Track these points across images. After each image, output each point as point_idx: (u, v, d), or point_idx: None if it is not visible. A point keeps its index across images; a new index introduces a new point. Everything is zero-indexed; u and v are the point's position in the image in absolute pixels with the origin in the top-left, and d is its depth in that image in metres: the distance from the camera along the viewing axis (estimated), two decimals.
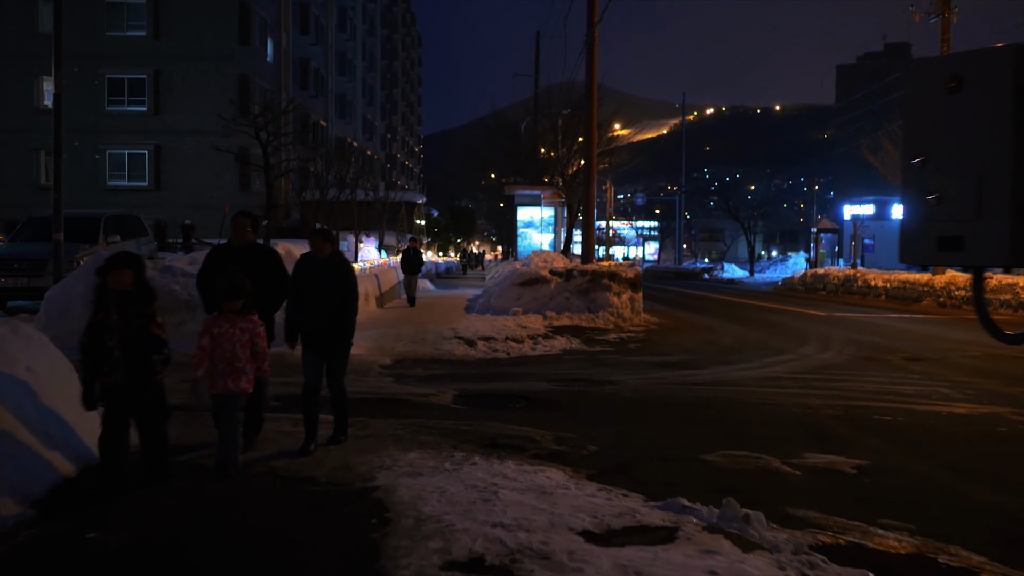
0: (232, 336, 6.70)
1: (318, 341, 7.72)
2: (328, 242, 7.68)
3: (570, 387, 11.34)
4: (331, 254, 7.69)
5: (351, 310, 7.75)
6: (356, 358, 13.37)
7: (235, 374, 6.69)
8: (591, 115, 24.14)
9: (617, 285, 20.73)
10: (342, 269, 7.71)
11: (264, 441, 7.80)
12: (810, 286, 40.17)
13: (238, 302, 6.72)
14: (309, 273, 7.65)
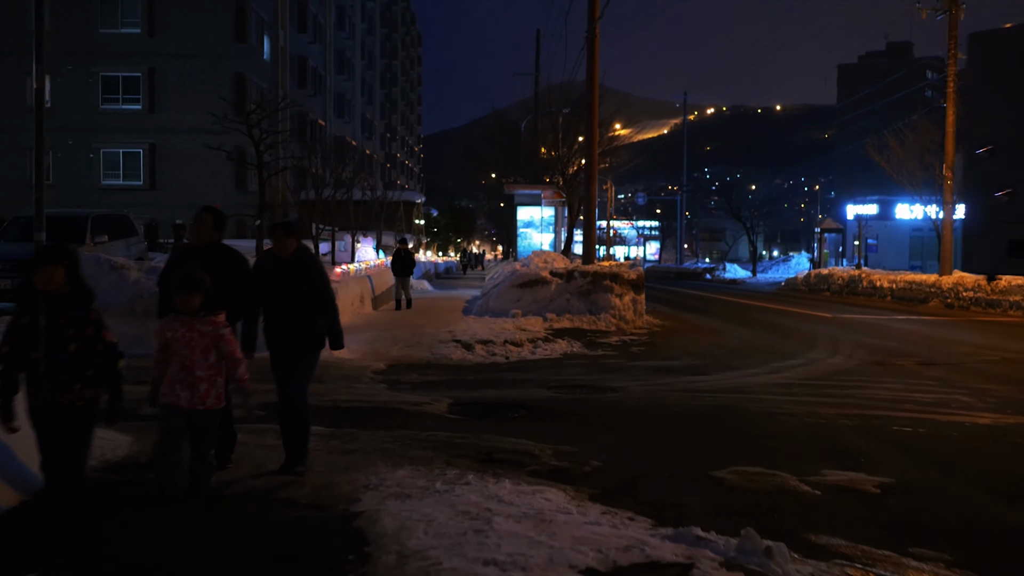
0: (189, 341, 5.79)
1: (287, 348, 6.90)
2: (291, 236, 6.75)
3: (571, 394, 10.82)
4: (296, 251, 6.76)
5: (330, 313, 6.94)
6: (349, 363, 12.89)
7: (195, 386, 5.83)
8: (592, 113, 23.62)
9: (619, 286, 20.21)
10: (310, 267, 6.80)
11: (245, 457, 7.25)
12: (814, 287, 39.66)
13: (194, 297, 5.78)
14: (270, 273, 6.75)
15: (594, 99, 23.49)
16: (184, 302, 5.83)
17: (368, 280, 22.45)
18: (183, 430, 5.86)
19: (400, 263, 23.56)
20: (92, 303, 5.47)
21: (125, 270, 13.30)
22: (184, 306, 5.84)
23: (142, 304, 12.92)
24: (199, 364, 5.85)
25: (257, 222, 21.78)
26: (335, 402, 9.87)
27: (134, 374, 11.37)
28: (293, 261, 6.75)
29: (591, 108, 23.58)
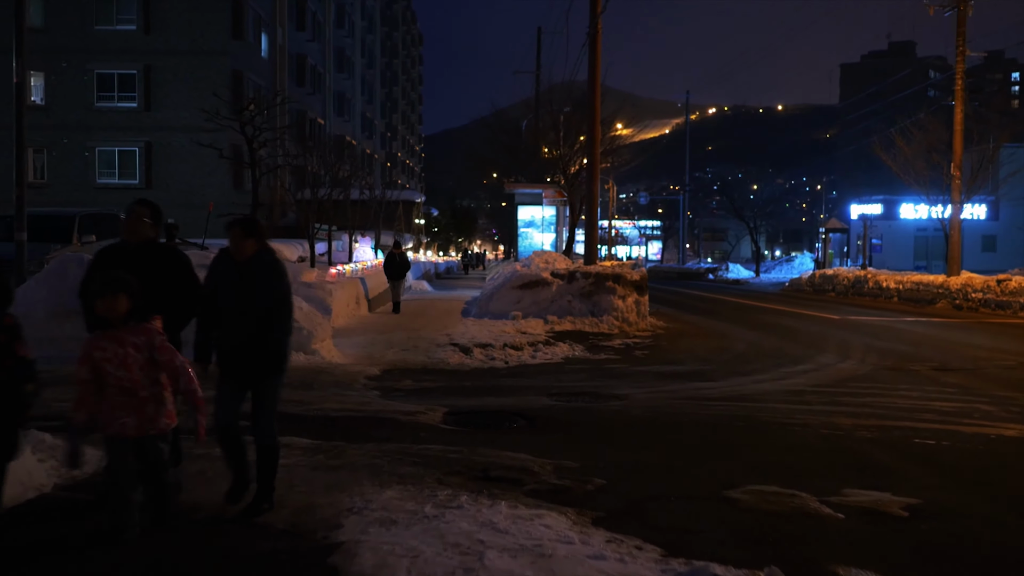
0: (124, 358, 4.93)
1: (238, 367, 5.95)
2: (251, 237, 5.81)
3: (573, 403, 10.29)
4: (256, 255, 5.84)
5: (281, 328, 5.92)
6: (341, 368, 12.38)
7: (142, 409, 5.02)
8: (594, 109, 23.09)
9: (622, 288, 19.69)
10: (269, 275, 5.85)
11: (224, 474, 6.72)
12: (819, 287, 39.13)
13: (117, 299, 4.88)
14: (226, 277, 5.88)
15: (596, 95, 22.97)
16: (107, 305, 4.92)
17: (360, 283, 21.90)
18: (135, 463, 5.13)
19: (393, 265, 22.75)
20: (8, 306, 4.83)
21: None
22: (107, 311, 4.94)
23: None
24: (142, 384, 5.03)
25: None
26: (324, 411, 9.37)
27: None
28: (251, 266, 5.83)
29: (593, 105, 23.06)
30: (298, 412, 9.28)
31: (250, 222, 5.92)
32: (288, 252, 24.78)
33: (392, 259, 22.86)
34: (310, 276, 17.61)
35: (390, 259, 22.93)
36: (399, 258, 22.88)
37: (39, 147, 38.92)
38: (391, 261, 22.83)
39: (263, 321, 5.81)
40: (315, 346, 12.81)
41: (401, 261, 22.84)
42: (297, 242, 27.23)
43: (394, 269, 22.66)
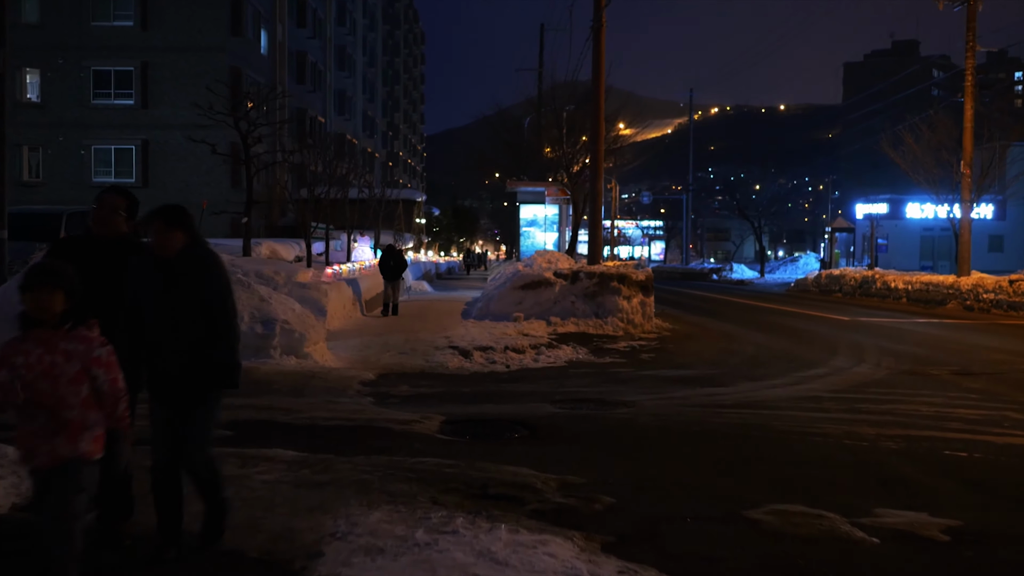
0: (51, 368, 3.87)
1: (171, 389, 4.86)
2: (177, 228, 4.76)
3: (577, 410, 9.73)
4: (184, 249, 4.80)
5: (227, 339, 4.92)
6: (334, 373, 11.82)
7: (67, 431, 3.93)
8: (598, 105, 22.54)
9: (627, 288, 19.13)
10: (202, 274, 4.83)
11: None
12: (825, 288, 38.55)
13: (53, 295, 3.87)
14: (149, 280, 4.81)
15: (600, 90, 22.40)
16: (36, 303, 3.87)
17: (359, 282, 21.36)
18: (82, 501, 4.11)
19: (388, 265, 21.51)
20: None
21: None
22: (37, 310, 3.87)
23: None
24: (67, 402, 3.92)
25: (244, 219, 20.69)
26: (313, 420, 8.81)
27: None
28: (179, 265, 4.79)
29: (597, 100, 22.50)
30: (286, 421, 8.75)
31: (174, 211, 4.86)
32: (284, 252, 24.26)
33: (387, 258, 21.67)
34: (305, 276, 17.05)
35: (385, 258, 21.77)
36: (395, 257, 21.68)
37: (34, 145, 38.43)
38: (386, 260, 21.64)
39: (196, 329, 4.81)
40: (307, 349, 12.27)
41: (397, 261, 21.59)
42: (294, 241, 26.70)
43: (389, 269, 21.43)
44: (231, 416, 8.77)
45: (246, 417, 8.82)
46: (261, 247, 23.14)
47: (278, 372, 11.36)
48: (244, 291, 12.39)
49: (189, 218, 4.90)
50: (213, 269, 4.90)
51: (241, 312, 11.69)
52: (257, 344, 11.81)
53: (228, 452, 7.31)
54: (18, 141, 38.31)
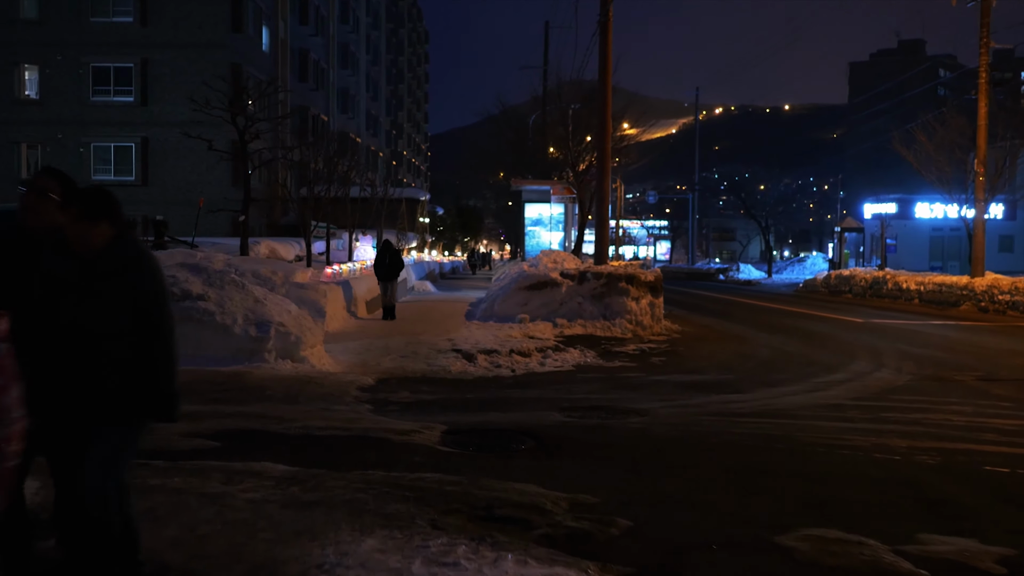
0: None
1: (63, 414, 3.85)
2: (102, 220, 3.83)
3: (587, 419, 9.18)
4: (110, 246, 3.87)
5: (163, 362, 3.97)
6: (332, 378, 11.27)
7: None
8: (605, 101, 21.98)
9: (635, 289, 18.57)
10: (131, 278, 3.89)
11: (181, 506, 5.64)
12: (835, 288, 37.99)
13: None
14: (62, 281, 3.84)
15: (607, 87, 21.85)
16: None
17: (358, 283, 20.81)
18: None
19: (384, 265, 20.18)
20: None
21: None
22: None
23: None
24: None
25: (241, 218, 20.16)
26: (307, 429, 8.26)
27: None
28: (102, 265, 3.85)
29: (604, 97, 21.94)
30: (278, 430, 8.20)
31: (97, 196, 3.90)
32: (284, 251, 23.74)
33: (382, 257, 20.38)
34: (304, 276, 16.53)
35: (380, 259, 20.41)
36: (390, 256, 20.35)
37: (32, 143, 38.00)
38: (381, 261, 20.31)
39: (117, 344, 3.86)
40: (304, 353, 11.72)
41: (392, 260, 20.25)
42: (294, 240, 26.16)
43: (384, 268, 20.11)
44: (218, 425, 8.25)
45: (235, 426, 8.29)
46: (260, 246, 22.63)
47: (272, 377, 10.82)
48: (238, 291, 11.86)
49: (115, 206, 3.92)
50: (147, 274, 3.94)
51: (235, 314, 11.17)
52: (251, 347, 11.28)
53: (213, 466, 6.81)
54: (16, 139, 37.94)
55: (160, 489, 6.10)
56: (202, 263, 12.33)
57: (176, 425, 8.01)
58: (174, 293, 11.42)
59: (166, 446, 7.46)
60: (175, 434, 7.88)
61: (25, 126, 37.85)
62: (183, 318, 11.11)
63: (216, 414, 8.76)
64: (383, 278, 20.03)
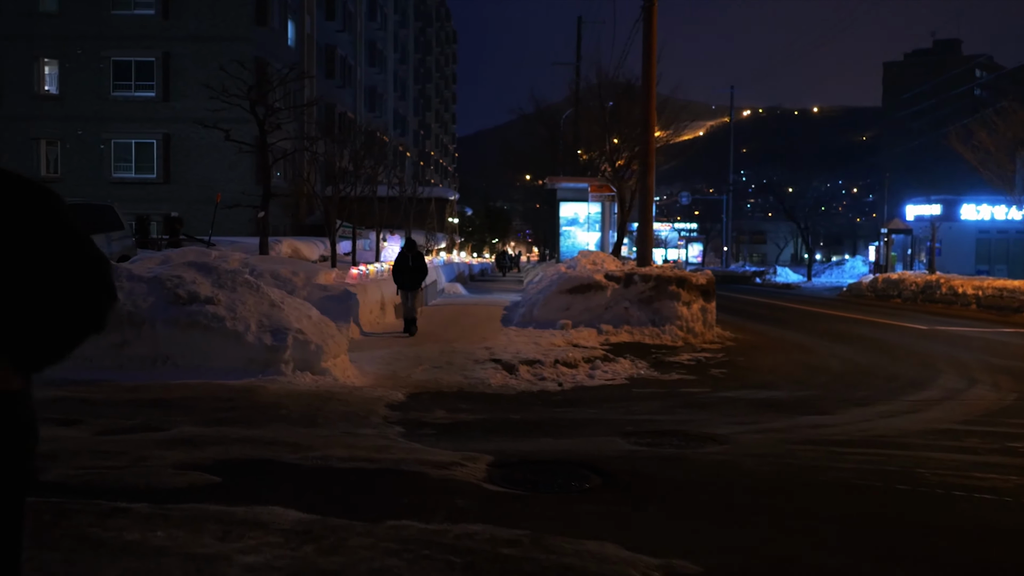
0: None
1: None
2: None
3: (658, 447, 7.75)
4: None
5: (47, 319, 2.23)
6: (358, 393, 9.89)
7: None
8: (649, 91, 20.54)
9: (686, 293, 17.12)
10: None
11: None
12: (882, 292, 36.32)
13: None
14: None
15: (651, 74, 20.40)
16: None
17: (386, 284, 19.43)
18: None
19: (406, 269, 16.98)
20: None
21: None
22: None
23: None
24: None
25: (261, 214, 18.86)
26: (327, 460, 6.88)
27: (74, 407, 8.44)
28: None
29: (648, 85, 20.49)
30: (293, 461, 6.83)
31: None
32: (307, 251, 22.45)
33: (404, 261, 17.12)
34: (328, 277, 15.20)
35: (401, 261, 17.18)
36: (414, 258, 17.13)
37: (52, 139, 37.00)
38: (402, 264, 17.11)
39: None
40: (325, 364, 10.34)
41: (416, 263, 17.09)
42: (319, 240, 24.87)
43: (407, 275, 16.94)
44: (222, 454, 6.90)
45: (241, 455, 6.93)
46: (282, 245, 21.36)
47: (288, 393, 9.46)
48: (252, 294, 10.51)
49: None
50: None
51: (247, 319, 9.84)
52: (265, 358, 9.93)
53: (209, 512, 5.46)
54: (35, 135, 36.94)
55: (137, 548, 4.77)
56: (212, 262, 11.01)
57: (171, 454, 6.59)
58: (179, 296, 10.10)
59: (155, 482, 6.15)
60: (167, 465, 6.56)
61: (44, 122, 36.83)
62: (189, 324, 9.80)
63: (220, 439, 7.42)
64: (404, 285, 16.93)
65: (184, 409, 8.56)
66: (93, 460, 6.70)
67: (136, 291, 10.14)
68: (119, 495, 5.80)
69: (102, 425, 7.91)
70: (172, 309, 9.99)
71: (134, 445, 7.18)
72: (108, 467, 6.52)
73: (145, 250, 18.80)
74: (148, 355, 9.92)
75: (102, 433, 7.63)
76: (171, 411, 8.49)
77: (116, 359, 9.90)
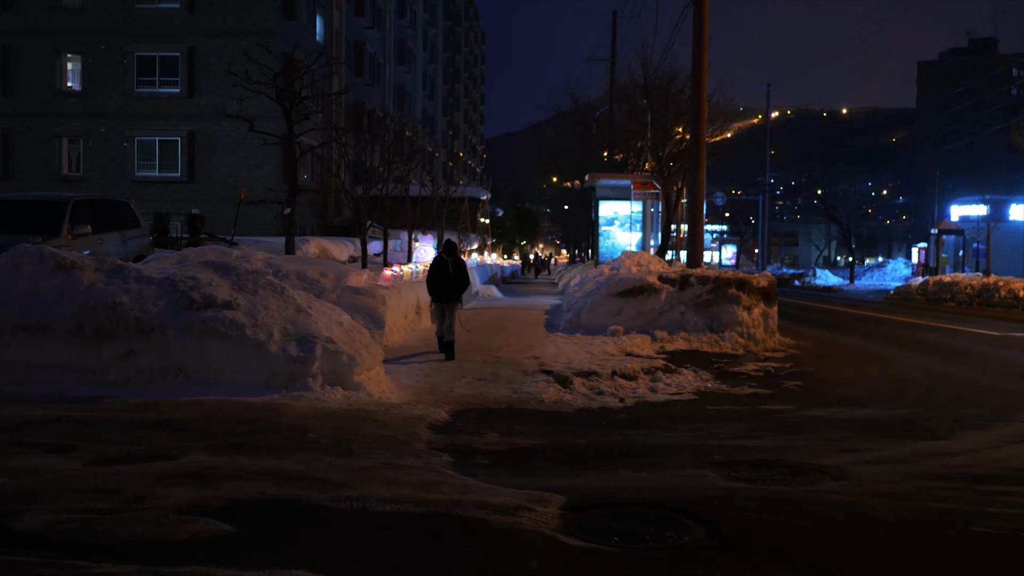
0: None
1: None
2: None
3: (760, 484, 6.43)
4: None
5: None
6: (394, 412, 8.61)
7: None
8: (700, 77, 19.19)
9: (747, 296, 15.77)
10: None
11: None
12: (932, 296, 34.71)
13: None
14: None
15: (702, 60, 19.06)
16: None
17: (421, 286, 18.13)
18: None
19: (444, 279, 13.08)
20: None
21: (76, 270, 9.19)
22: None
23: (95, 320, 8.77)
24: None
25: (287, 210, 17.66)
26: (364, 501, 5.62)
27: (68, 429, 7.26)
28: None
29: (699, 71, 19.14)
30: (322, 503, 5.59)
31: None
32: (336, 251, 21.26)
33: (442, 268, 13.17)
34: (359, 279, 13.96)
35: (439, 268, 13.21)
36: (454, 267, 13.16)
37: (74, 137, 36.08)
38: (440, 271, 13.16)
39: None
40: (359, 378, 9.07)
41: (457, 272, 13.15)
42: (348, 240, 23.67)
43: (445, 284, 13.09)
44: (236, 492, 5.67)
45: (259, 494, 5.69)
46: (309, 245, 20.17)
47: (317, 412, 8.20)
48: (275, 298, 9.28)
49: None
50: None
51: (270, 326, 8.63)
52: (290, 370, 8.68)
53: None
54: (57, 133, 36.04)
55: None
56: (232, 262, 9.78)
57: (174, 492, 5.40)
58: (194, 299, 8.89)
59: (152, 533, 4.93)
60: (169, 508, 5.34)
61: (67, 119, 35.90)
62: (203, 331, 8.60)
63: (235, 472, 6.18)
64: (442, 297, 13.09)
65: (195, 432, 7.33)
66: (80, 501, 5.48)
67: (145, 294, 8.93)
68: (105, 552, 4.59)
69: (98, 452, 6.69)
70: (185, 315, 8.77)
71: (132, 480, 5.95)
72: (97, 511, 5.29)
73: (163, 250, 17.65)
74: (157, 367, 8.70)
75: (97, 463, 6.40)
76: (180, 434, 7.26)
77: (122, 372, 8.70)
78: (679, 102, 26.45)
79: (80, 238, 13.66)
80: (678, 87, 26.68)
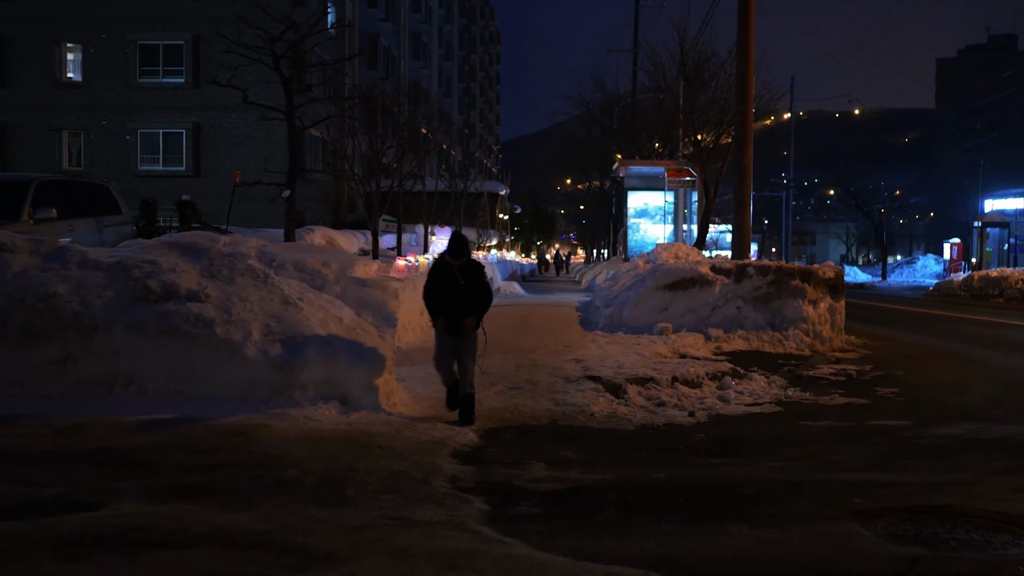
0: None
1: None
2: None
3: (943, 550, 4.44)
4: None
5: None
6: (407, 432, 6.56)
7: None
8: (747, 47, 17.20)
9: (813, 289, 13.75)
10: None
11: None
12: (978, 291, 32.50)
13: None
14: None
15: (750, 23, 17.07)
16: None
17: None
18: None
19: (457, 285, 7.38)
20: None
21: (4, 252, 7.26)
22: None
23: (22, 315, 6.82)
24: None
25: (286, 192, 15.76)
26: None
27: None
28: None
29: (745, 40, 17.16)
30: None
31: None
32: (344, 242, 19.36)
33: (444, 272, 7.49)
34: (367, 270, 12.03)
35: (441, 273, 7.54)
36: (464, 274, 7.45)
37: (75, 129, 34.29)
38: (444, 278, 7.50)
39: None
40: (362, 387, 7.07)
41: (471, 282, 7.46)
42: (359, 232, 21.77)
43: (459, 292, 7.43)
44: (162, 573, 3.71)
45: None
46: (314, 234, 18.24)
47: (304, 435, 6.22)
48: (256, 287, 7.33)
49: None
50: None
51: (248, 323, 6.69)
52: (272, 380, 6.72)
53: None
54: (58, 125, 34.29)
55: None
56: (203, 243, 7.80)
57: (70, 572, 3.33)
58: (150, 289, 6.96)
59: None
60: None
61: (67, 111, 34.09)
62: (161, 330, 6.65)
63: (173, 533, 4.21)
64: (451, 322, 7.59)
65: (136, 466, 5.38)
66: None
67: (89, 282, 6.98)
68: None
69: None
70: (139, 308, 6.82)
71: (19, 551, 4.00)
72: None
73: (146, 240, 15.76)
74: (102, 376, 6.75)
75: None
76: (114, 470, 5.31)
77: (56, 382, 6.77)
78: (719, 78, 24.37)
79: (44, 223, 11.73)
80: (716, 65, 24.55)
